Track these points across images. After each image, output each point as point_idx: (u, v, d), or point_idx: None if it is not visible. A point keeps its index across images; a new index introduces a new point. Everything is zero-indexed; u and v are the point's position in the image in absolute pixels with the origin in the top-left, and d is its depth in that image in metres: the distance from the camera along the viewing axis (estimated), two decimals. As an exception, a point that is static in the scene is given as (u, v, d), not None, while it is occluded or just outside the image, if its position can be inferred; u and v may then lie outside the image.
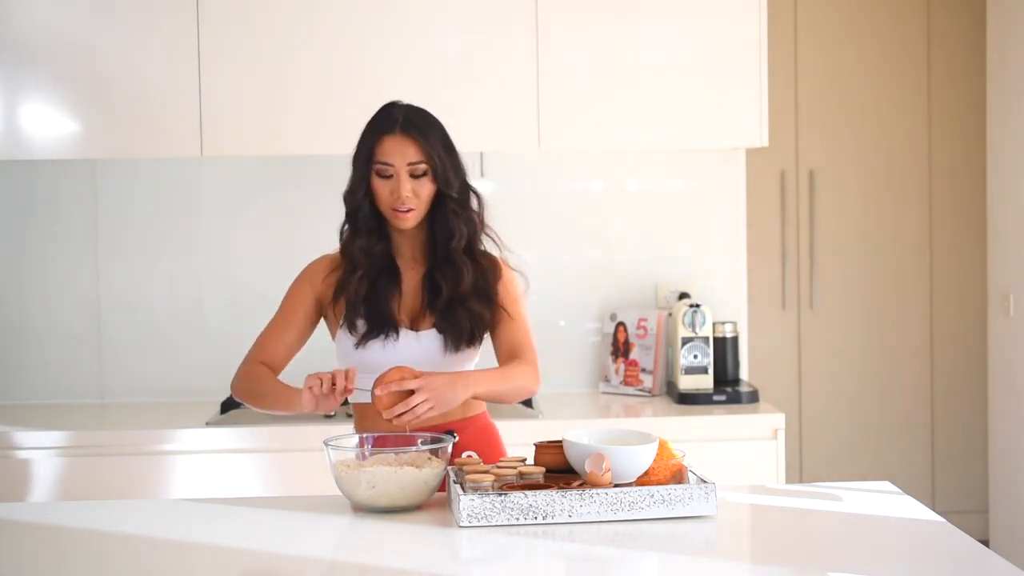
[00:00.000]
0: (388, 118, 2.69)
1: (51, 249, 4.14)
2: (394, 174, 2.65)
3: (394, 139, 2.66)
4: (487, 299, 2.72)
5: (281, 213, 4.15)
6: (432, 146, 2.66)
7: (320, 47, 3.82)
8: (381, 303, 2.68)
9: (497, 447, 2.79)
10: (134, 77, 3.81)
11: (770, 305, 5.22)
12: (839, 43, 5.20)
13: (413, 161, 2.65)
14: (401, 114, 2.69)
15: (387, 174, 2.66)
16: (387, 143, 2.66)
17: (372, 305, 2.68)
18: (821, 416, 5.27)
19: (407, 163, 2.65)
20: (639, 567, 2.16)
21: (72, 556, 2.24)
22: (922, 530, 2.32)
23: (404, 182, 2.64)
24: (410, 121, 2.67)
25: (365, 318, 2.68)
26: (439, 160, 2.66)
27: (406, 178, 2.65)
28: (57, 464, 3.60)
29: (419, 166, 2.65)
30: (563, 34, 3.85)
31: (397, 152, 2.65)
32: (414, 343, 2.69)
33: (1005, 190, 4.61)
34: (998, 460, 4.70)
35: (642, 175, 4.26)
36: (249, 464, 3.63)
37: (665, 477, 2.43)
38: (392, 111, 2.71)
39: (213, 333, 4.16)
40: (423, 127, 2.67)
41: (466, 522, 2.30)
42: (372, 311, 2.68)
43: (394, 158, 2.65)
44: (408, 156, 2.65)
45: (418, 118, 2.69)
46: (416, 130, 2.66)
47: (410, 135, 2.65)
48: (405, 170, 2.65)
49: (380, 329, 2.67)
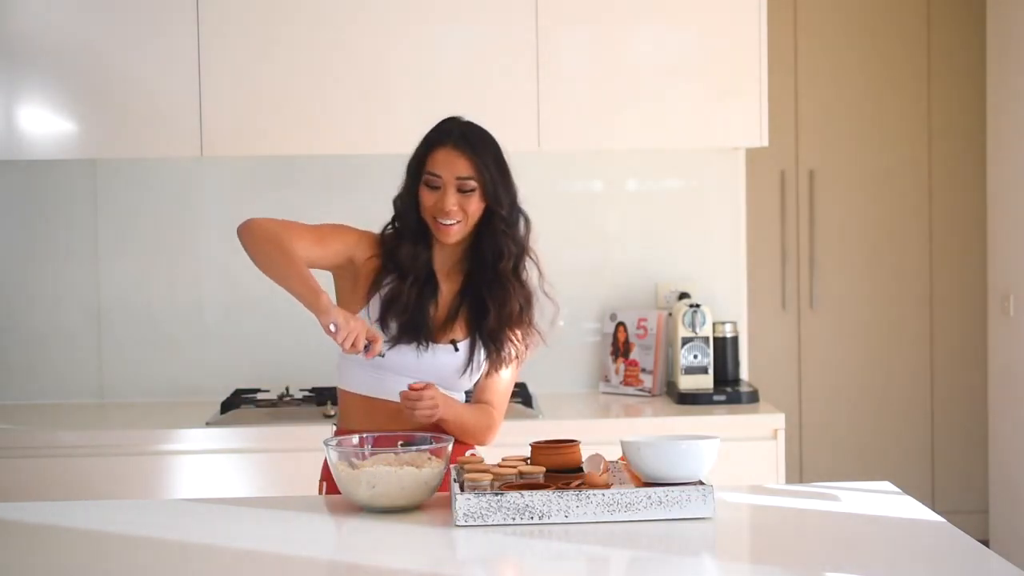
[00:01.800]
0: (443, 131, 2.69)
1: (51, 249, 4.14)
2: (441, 186, 2.65)
3: (446, 151, 2.66)
4: (525, 327, 2.74)
5: (281, 213, 4.11)
6: (484, 163, 2.65)
7: (320, 47, 3.82)
8: (424, 312, 2.68)
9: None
10: (134, 77, 3.80)
11: (770, 305, 5.22)
12: (839, 43, 5.20)
13: (462, 176, 2.65)
14: (457, 129, 2.69)
15: (435, 185, 2.65)
16: (438, 155, 2.66)
17: (416, 313, 2.68)
18: (821, 416, 5.27)
19: (456, 177, 2.64)
20: (636, 567, 2.16)
21: (72, 556, 2.24)
22: (922, 530, 2.32)
23: (450, 195, 2.64)
24: (464, 137, 2.67)
25: (405, 324, 2.67)
26: (490, 178, 2.66)
27: (452, 191, 2.64)
28: (57, 464, 3.60)
29: (468, 182, 2.65)
30: (563, 34, 3.85)
31: (447, 165, 2.65)
32: (439, 355, 2.70)
33: (1005, 190, 4.61)
34: (998, 460, 4.70)
35: (642, 175, 4.26)
36: (249, 464, 3.63)
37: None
38: (449, 125, 2.71)
39: (213, 333, 4.16)
40: (477, 144, 2.67)
41: (463, 521, 2.30)
42: (414, 319, 2.67)
43: (443, 170, 2.65)
44: (457, 170, 2.65)
45: (473, 135, 2.69)
46: (469, 146, 2.66)
47: (462, 150, 2.65)
48: (453, 184, 2.64)
49: (415, 337, 2.67)
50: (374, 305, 2.69)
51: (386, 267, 2.72)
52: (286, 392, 3.91)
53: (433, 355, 2.69)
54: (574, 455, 2.48)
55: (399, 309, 2.67)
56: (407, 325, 2.67)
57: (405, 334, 2.67)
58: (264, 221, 2.66)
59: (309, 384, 3.97)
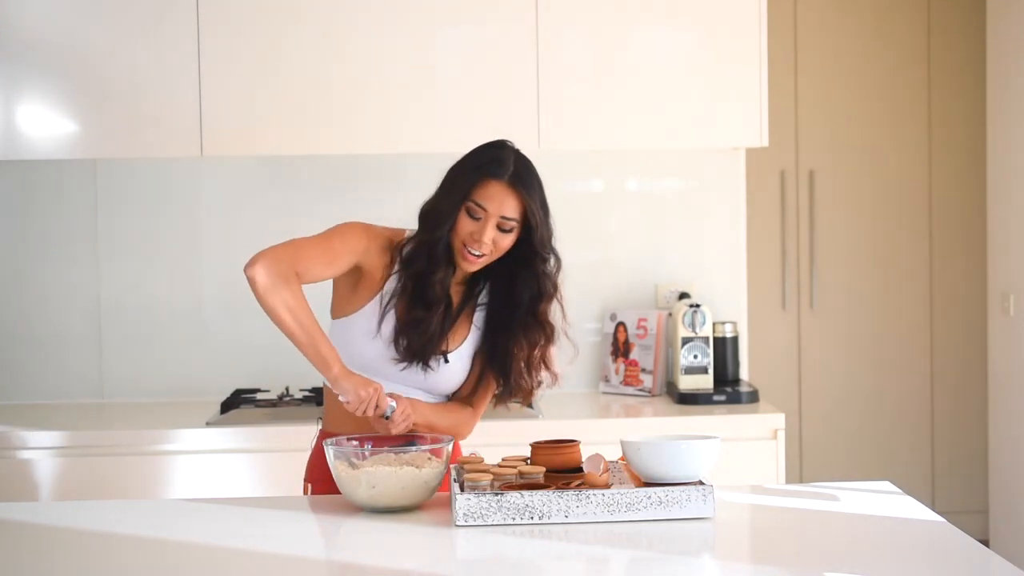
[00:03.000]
0: (498, 162, 2.58)
1: (51, 249, 4.14)
2: (483, 218, 2.57)
3: (500, 187, 2.56)
4: (543, 366, 2.72)
5: (281, 213, 4.15)
6: (533, 206, 2.58)
7: (320, 47, 3.82)
8: (443, 337, 2.65)
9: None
10: (134, 77, 3.81)
11: (770, 305, 5.22)
12: (839, 43, 5.20)
13: (508, 216, 2.57)
14: (512, 162, 2.58)
15: (477, 216, 2.57)
16: (491, 188, 2.56)
17: (437, 338, 2.64)
18: (821, 416, 5.27)
19: (501, 215, 2.57)
20: (636, 567, 2.16)
21: (72, 556, 2.24)
22: (922, 530, 2.32)
23: (489, 230, 2.57)
24: (518, 175, 2.57)
25: (423, 348, 2.63)
26: (535, 222, 2.60)
27: (492, 226, 2.57)
28: (57, 464, 3.60)
29: (511, 222, 2.58)
30: (563, 34, 3.85)
31: (496, 201, 2.56)
32: (443, 371, 2.68)
33: (1005, 190, 4.61)
34: (998, 460, 4.70)
35: (642, 175, 4.26)
36: (249, 464, 3.63)
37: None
38: (503, 155, 2.59)
39: (213, 333, 4.16)
40: (529, 183, 2.59)
41: (462, 521, 2.30)
42: (433, 343, 2.64)
43: (491, 205, 2.56)
44: (505, 209, 2.57)
45: (526, 172, 2.60)
46: (523, 186, 2.57)
47: (516, 190, 2.57)
48: (495, 220, 2.57)
49: (425, 360, 2.64)
50: (373, 306, 2.65)
51: (399, 277, 2.65)
52: (286, 392, 3.91)
53: (438, 372, 2.68)
54: (574, 455, 2.48)
55: (419, 333, 2.62)
56: (426, 350, 2.63)
57: (420, 358, 2.63)
58: (270, 264, 2.50)
59: (309, 384, 3.97)
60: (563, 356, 2.75)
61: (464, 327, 2.71)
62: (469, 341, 2.71)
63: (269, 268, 2.49)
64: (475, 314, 2.72)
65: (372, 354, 2.64)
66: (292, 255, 2.54)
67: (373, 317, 2.64)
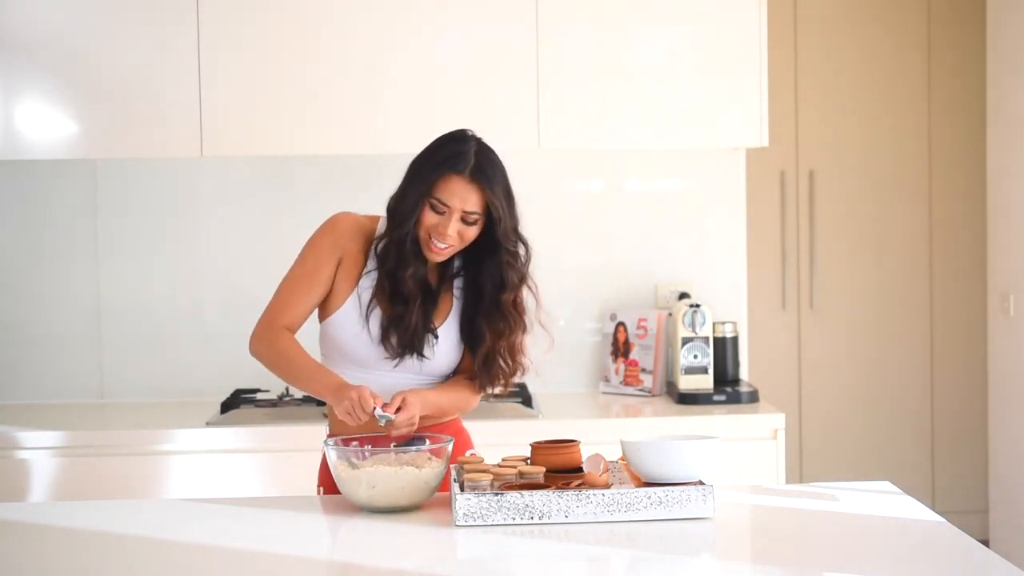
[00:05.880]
0: (459, 156, 2.59)
1: (51, 249, 4.14)
2: (447, 212, 2.58)
3: (461, 182, 2.57)
4: (519, 355, 2.73)
5: (281, 213, 4.15)
6: (495, 197, 2.59)
7: (320, 47, 3.82)
8: (428, 326, 2.67)
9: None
10: (134, 77, 3.81)
11: (770, 305, 5.22)
12: (839, 43, 5.20)
13: (470, 210, 2.58)
14: (474, 154, 2.59)
15: (440, 211, 2.58)
16: (452, 183, 2.57)
17: (423, 330, 2.66)
18: (821, 416, 5.27)
19: (464, 209, 2.58)
20: (636, 567, 2.16)
21: (72, 556, 2.24)
22: (922, 530, 2.32)
23: (453, 223, 2.58)
24: (480, 167, 2.58)
25: (412, 341, 2.66)
26: (498, 214, 2.60)
27: (456, 219, 2.58)
28: (57, 464, 3.60)
29: (474, 215, 2.59)
30: (563, 34, 3.85)
31: (459, 195, 2.57)
32: (438, 356, 2.70)
33: (1005, 190, 4.61)
34: (998, 460, 4.70)
35: (642, 175, 4.26)
36: (249, 464, 3.63)
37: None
38: (465, 148, 2.60)
39: (213, 333, 4.16)
40: (491, 175, 2.59)
41: (462, 521, 2.30)
42: (420, 334, 2.66)
43: (453, 200, 2.58)
44: (468, 204, 2.58)
45: (488, 163, 2.60)
46: (485, 179, 2.58)
47: (478, 182, 2.57)
48: (458, 214, 2.58)
49: (418, 350, 2.66)
50: (352, 301, 2.67)
51: (383, 285, 2.67)
52: (286, 392, 3.91)
53: (433, 356, 2.70)
54: (574, 455, 2.48)
55: (404, 328, 2.65)
56: (415, 340, 2.66)
57: (412, 349, 2.66)
58: (263, 338, 2.69)
59: (309, 384, 3.96)
60: (537, 346, 2.76)
61: (447, 302, 2.73)
62: (453, 313, 2.72)
63: (257, 345, 2.71)
64: (454, 287, 2.74)
65: (364, 354, 2.68)
66: (271, 319, 2.70)
67: (354, 313, 2.67)
